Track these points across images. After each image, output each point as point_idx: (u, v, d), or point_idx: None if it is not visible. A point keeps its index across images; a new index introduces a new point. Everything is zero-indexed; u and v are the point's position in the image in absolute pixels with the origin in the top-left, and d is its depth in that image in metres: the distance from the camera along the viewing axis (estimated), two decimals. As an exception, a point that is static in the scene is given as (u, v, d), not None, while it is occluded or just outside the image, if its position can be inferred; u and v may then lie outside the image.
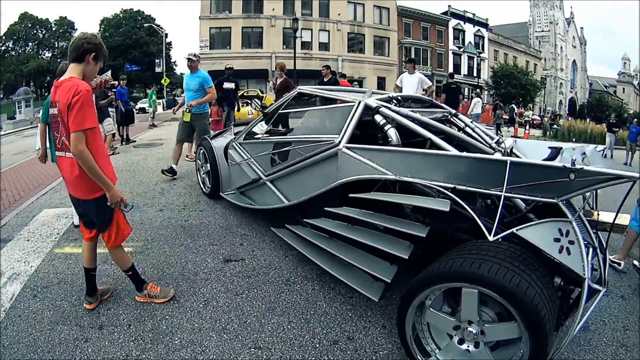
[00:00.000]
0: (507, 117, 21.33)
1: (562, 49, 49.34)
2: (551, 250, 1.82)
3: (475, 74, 36.55)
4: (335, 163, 2.75)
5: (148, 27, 35.07)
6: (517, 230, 1.92)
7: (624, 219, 2.46)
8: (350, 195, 2.54)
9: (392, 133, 2.68)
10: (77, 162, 2.14)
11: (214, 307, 2.57)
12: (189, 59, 5.44)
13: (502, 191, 1.97)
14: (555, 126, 20.72)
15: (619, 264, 3.42)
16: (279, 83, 7.54)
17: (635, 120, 15.01)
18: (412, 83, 7.01)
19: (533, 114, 17.71)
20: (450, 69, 35.68)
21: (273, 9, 29.55)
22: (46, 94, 24.32)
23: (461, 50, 36.54)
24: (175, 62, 46.84)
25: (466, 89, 33.70)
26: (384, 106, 2.84)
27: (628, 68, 60.18)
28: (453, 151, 2.40)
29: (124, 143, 9.46)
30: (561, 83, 48.41)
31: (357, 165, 2.59)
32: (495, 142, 3.04)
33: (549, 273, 1.95)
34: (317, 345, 2.24)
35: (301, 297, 2.71)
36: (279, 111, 3.70)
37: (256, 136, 3.97)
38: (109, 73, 2.58)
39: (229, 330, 2.34)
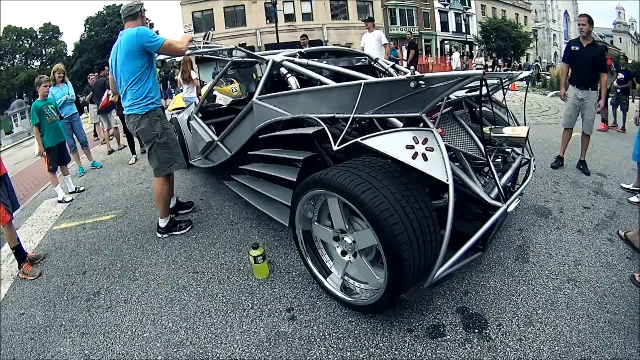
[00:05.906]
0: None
1: (552, 0, 47.93)
2: (402, 157, 1.81)
3: (463, 30, 35.93)
4: (253, 114, 3.13)
5: (131, 19, 34.82)
6: (361, 139, 1.96)
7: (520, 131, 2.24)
8: (259, 137, 2.97)
9: (292, 81, 2.98)
10: None
11: (169, 247, 3.17)
12: None
13: (351, 113, 2.09)
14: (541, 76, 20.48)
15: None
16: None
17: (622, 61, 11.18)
18: (372, 40, 7.59)
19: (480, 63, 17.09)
20: (438, 28, 35.23)
21: (252, -14, 29.08)
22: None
23: (447, 7, 35.70)
24: (163, 50, 46.75)
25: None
26: (287, 60, 3.17)
27: (623, 17, 57.35)
28: (331, 84, 2.51)
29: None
30: (554, 35, 46.95)
31: (266, 112, 2.89)
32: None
33: (423, 188, 1.96)
34: (242, 268, 2.76)
35: (239, 233, 3.27)
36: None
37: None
38: None
39: (177, 262, 2.93)
